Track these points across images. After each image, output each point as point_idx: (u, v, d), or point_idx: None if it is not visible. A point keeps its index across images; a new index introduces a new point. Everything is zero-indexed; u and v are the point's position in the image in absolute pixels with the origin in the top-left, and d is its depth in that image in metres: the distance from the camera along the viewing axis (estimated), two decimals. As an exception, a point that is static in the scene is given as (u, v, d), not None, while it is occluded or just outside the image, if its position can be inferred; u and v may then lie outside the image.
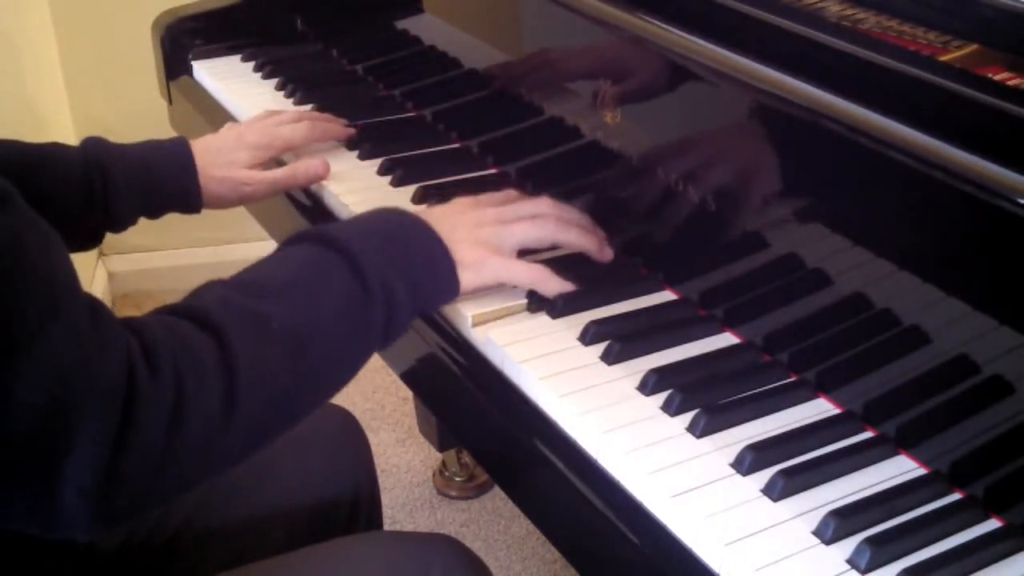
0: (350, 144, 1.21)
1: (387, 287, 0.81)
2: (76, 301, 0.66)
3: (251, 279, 0.80)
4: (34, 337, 0.63)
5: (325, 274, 0.81)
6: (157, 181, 1.05)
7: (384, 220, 0.89)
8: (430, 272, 0.87)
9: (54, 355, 0.63)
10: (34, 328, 0.63)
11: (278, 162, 1.17)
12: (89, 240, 1.04)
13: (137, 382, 0.66)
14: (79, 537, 0.69)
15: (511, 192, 1.01)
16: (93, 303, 0.68)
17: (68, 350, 0.64)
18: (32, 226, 0.66)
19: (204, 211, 1.10)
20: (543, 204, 0.97)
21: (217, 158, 1.09)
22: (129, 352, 0.67)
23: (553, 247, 0.96)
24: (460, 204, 0.95)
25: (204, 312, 0.73)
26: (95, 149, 1.03)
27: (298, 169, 1.13)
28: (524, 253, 0.95)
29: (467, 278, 0.89)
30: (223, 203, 1.11)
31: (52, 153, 1.02)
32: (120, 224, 1.05)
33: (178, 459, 0.69)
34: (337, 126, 1.21)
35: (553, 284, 0.93)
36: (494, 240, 0.91)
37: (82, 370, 0.64)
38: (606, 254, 0.98)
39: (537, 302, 0.94)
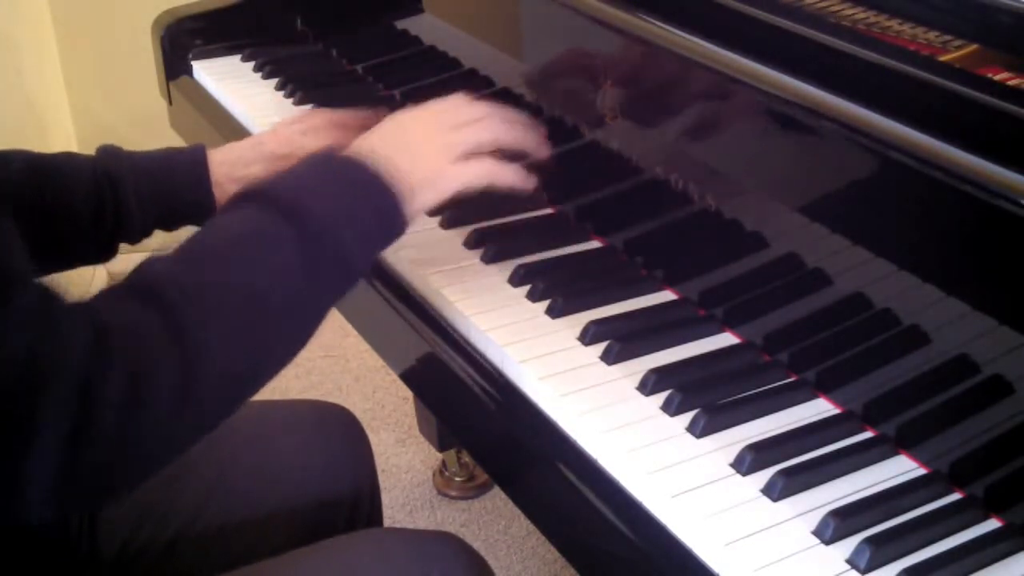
0: (350, 144, 1.20)
1: (331, 231, 0.79)
2: (25, 289, 0.66)
3: (191, 250, 0.78)
4: None
5: (264, 234, 0.78)
6: (169, 193, 1.03)
7: (323, 161, 0.86)
8: (372, 211, 0.84)
9: (3, 343, 0.63)
10: None
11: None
12: (103, 251, 1.02)
13: (90, 368, 0.65)
14: (35, 521, 0.68)
15: (456, 97, 0.97)
16: (45, 291, 0.67)
17: (18, 338, 0.63)
18: None
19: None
20: (484, 107, 0.95)
21: (234, 170, 1.06)
22: (82, 333, 0.66)
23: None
24: (401, 121, 0.92)
25: (150, 288, 0.72)
26: (106, 160, 1.01)
27: None
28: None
29: (425, 197, 0.87)
30: None
31: (62, 164, 1.01)
32: (134, 236, 1.03)
33: (138, 437, 0.68)
34: (361, 121, 1.13)
35: (509, 175, 0.92)
36: (442, 151, 0.89)
37: (35, 357, 0.63)
38: (543, 151, 0.98)
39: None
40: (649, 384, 0.85)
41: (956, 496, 0.76)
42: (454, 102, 0.95)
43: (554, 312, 0.93)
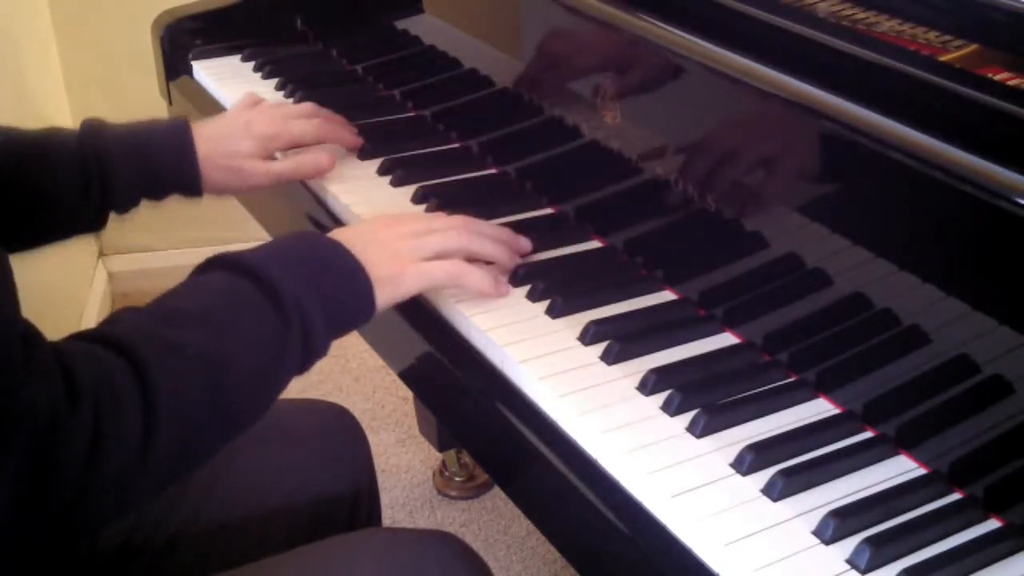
0: (350, 144, 1.21)
1: (303, 312, 0.79)
2: (10, 332, 0.65)
3: (166, 308, 0.78)
4: None
5: (240, 302, 0.79)
6: (155, 164, 1.04)
7: (298, 243, 0.87)
8: (346, 294, 0.85)
9: None
10: None
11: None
12: (93, 223, 1.03)
13: (58, 417, 0.65)
14: None
15: (433, 214, 0.99)
16: (28, 332, 0.66)
17: (2, 376, 0.63)
18: None
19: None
20: (457, 219, 0.96)
21: (221, 146, 1.07)
22: (55, 385, 0.66)
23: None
24: (374, 222, 0.94)
25: (122, 341, 0.71)
26: (91, 133, 1.02)
27: (303, 163, 1.12)
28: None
29: (384, 294, 0.87)
30: (225, 191, 1.10)
31: (47, 140, 1.02)
32: (122, 207, 1.04)
33: (92, 495, 0.67)
34: (347, 133, 1.19)
35: (475, 276, 0.92)
36: (409, 252, 0.90)
37: (9, 403, 0.63)
38: (511, 264, 0.97)
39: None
40: (649, 384, 0.85)
41: (956, 496, 0.76)
42: (428, 215, 0.98)
43: (554, 312, 0.93)
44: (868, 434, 0.81)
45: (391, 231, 0.92)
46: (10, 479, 0.63)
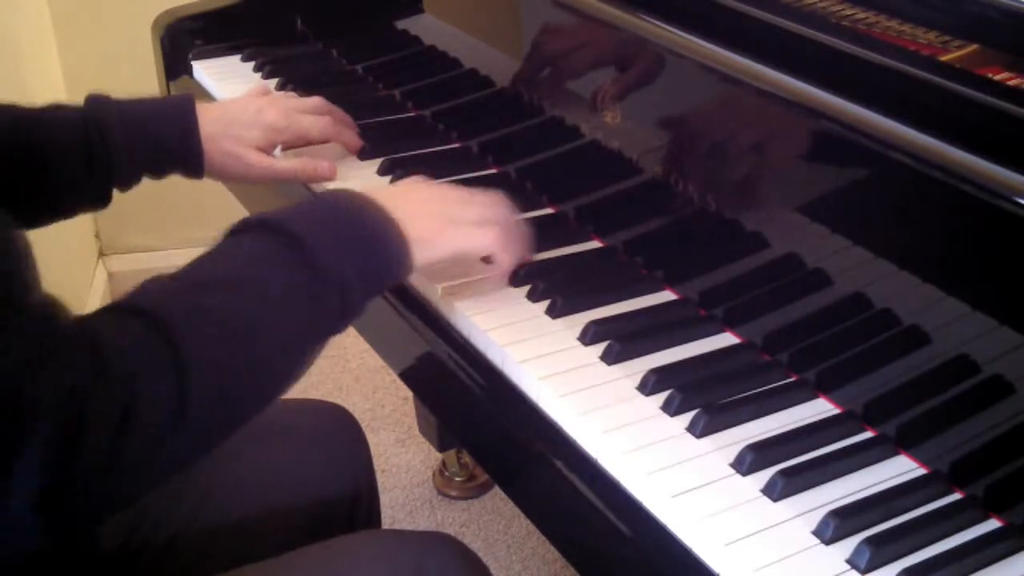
0: (350, 143, 1.21)
1: (338, 270, 0.78)
2: (29, 306, 0.65)
3: (195, 273, 0.77)
4: None
5: (272, 262, 0.78)
6: (157, 141, 1.03)
7: (332, 201, 0.86)
8: (381, 250, 0.84)
9: (2, 361, 0.62)
10: None
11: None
12: (98, 200, 1.03)
13: (84, 390, 0.64)
14: (29, 547, 0.67)
15: (477, 189, 0.98)
16: (49, 307, 0.66)
17: (16, 358, 0.62)
18: None
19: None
20: (497, 197, 0.95)
21: (229, 129, 1.07)
22: (79, 357, 0.65)
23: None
24: (413, 182, 0.93)
25: (151, 310, 0.71)
26: (95, 109, 1.02)
27: (307, 167, 1.12)
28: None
29: (420, 253, 0.86)
30: (225, 177, 1.10)
31: (50, 116, 1.01)
32: (125, 184, 1.04)
33: (128, 462, 0.67)
34: (352, 135, 1.19)
35: (508, 256, 0.92)
36: (446, 214, 0.89)
37: (30, 377, 0.62)
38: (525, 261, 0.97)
39: (535, 292, 0.95)
40: (649, 384, 0.85)
41: (956, 496, 0.76)
42: (471, 189, 0.96)
43: (554, 312, 0.93)
44: (868, 434, 0.81)
45: (431, 196, 0.91)
46: (36, 451, 0.63)
